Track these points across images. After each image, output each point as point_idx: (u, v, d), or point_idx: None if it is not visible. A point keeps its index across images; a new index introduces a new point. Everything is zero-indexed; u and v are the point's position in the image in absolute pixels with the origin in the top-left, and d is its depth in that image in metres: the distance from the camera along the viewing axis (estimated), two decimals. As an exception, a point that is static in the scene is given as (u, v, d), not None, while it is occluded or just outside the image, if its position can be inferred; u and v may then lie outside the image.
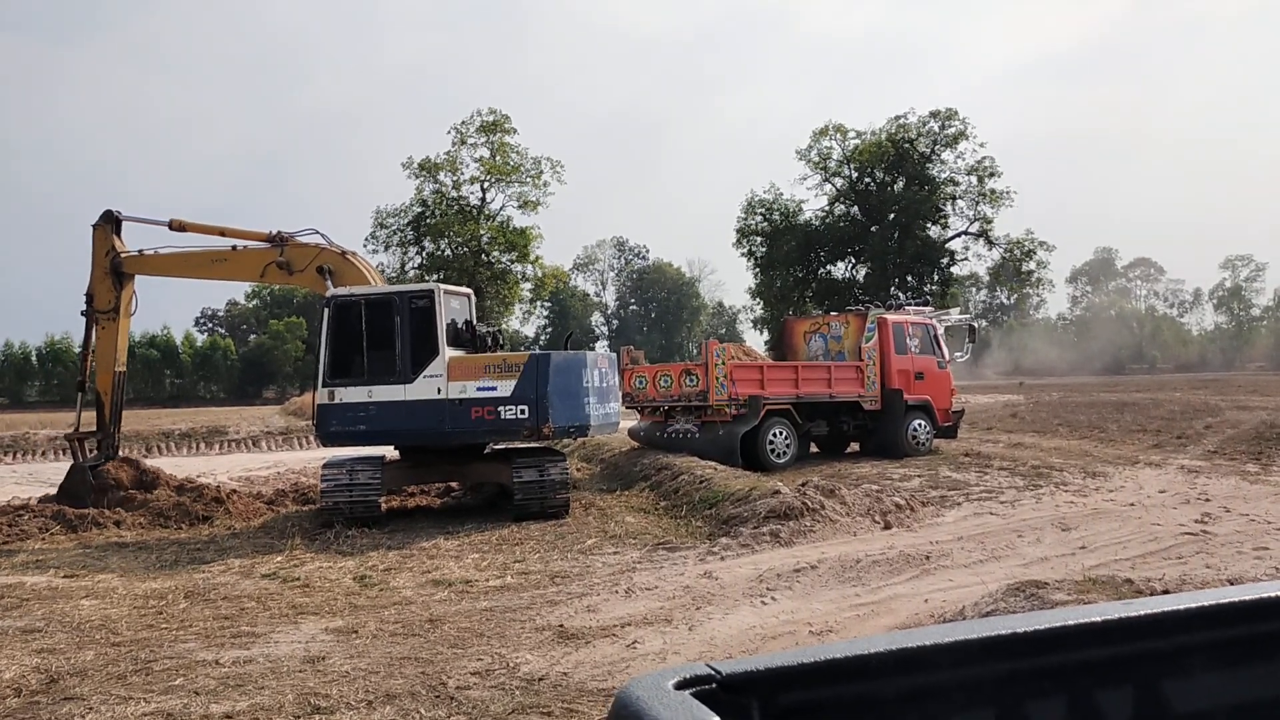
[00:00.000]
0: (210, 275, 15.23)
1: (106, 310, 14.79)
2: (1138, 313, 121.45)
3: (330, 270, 14.09)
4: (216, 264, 14.77)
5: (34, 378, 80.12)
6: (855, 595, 8.22)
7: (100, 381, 14.98)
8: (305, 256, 14.30)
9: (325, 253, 14.29)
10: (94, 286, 14.84)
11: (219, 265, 14.78)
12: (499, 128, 50.18)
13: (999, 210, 50.91)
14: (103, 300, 14.79)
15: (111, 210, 14.85)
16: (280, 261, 14.26)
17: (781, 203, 53.67)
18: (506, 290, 52.10)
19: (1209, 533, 10.60)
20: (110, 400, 14.89)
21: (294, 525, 12.96)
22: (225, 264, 14.73)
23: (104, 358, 14.91)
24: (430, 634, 7.33)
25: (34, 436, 30.35)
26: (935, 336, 21.13)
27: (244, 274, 15.09)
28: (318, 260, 14.21)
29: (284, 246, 14.34)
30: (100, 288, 14.80)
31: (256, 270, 14.73)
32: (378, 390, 13.01)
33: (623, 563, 10.04)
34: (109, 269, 14.73)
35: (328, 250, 14.32)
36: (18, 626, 7.90)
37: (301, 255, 14.31)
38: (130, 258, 14.83)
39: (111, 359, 14.86)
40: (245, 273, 15.03)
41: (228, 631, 7.58)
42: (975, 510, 12.71)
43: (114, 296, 14.78)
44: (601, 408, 13.64)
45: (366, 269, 14.46)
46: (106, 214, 14.84)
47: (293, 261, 14.25)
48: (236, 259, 14.63)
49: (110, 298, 14.77)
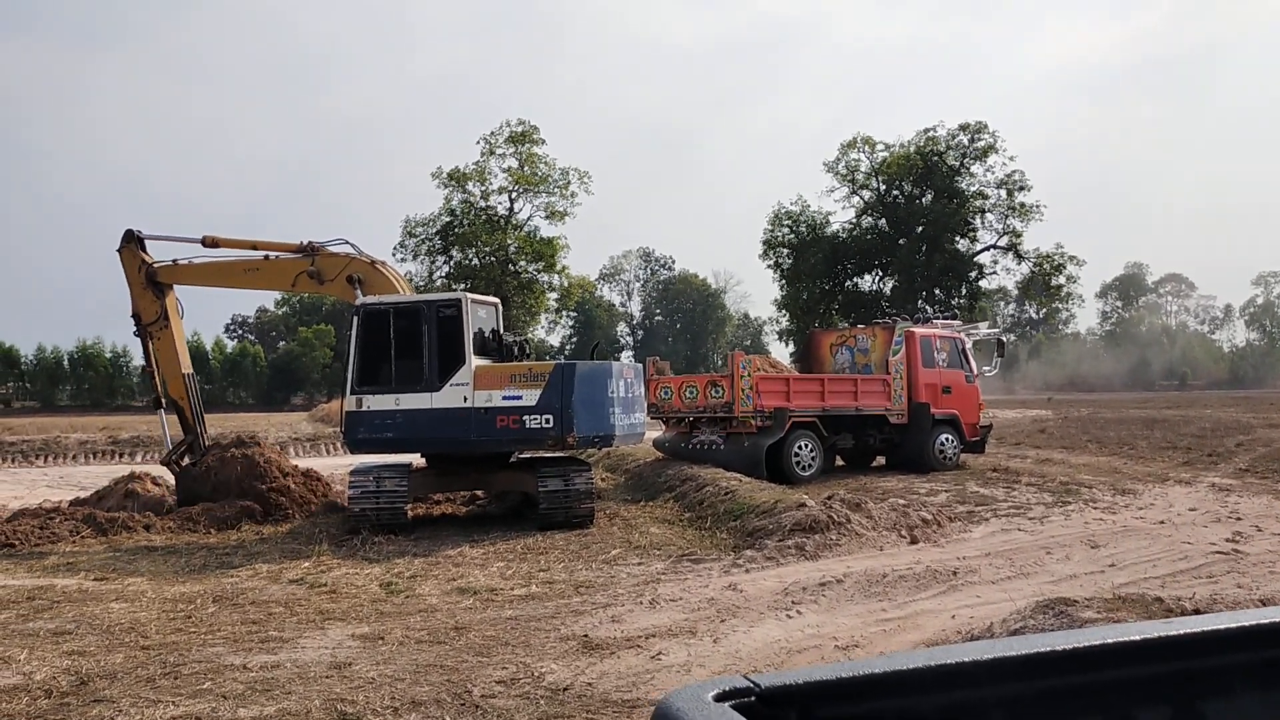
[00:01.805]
0: (243, 284, 15.53)
1: (155, 321, 15.10)
2: (1168, 328, 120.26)
3: (360, 279, 14.24)
4: (249, 273, 15.03)
5: (65, 382, 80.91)
6: (881, 610, 8.17)
7: (173, 389, 15.29)
8: (335, 266, 14.45)
9: (355, 262, 14.45)
10: (136, 304, 15.17)
11: (251, 275, 15.05)
12: (527, 138, 50.43)
13: (1028, 224, 50.64)
14: (149, 313, 15.11)
15: (131, 230, 15.20)
16: (311, 271, 14.46)
17: (809, 214, 53.57)
18: (533, 300, 52.27)
19: (1240, 552, 10.48)
20: (189, 403, 15.22)
21: (321, 531, 13.04)
22: (257, 273, 14.99)
23: (169, 365, 15.22)
24: (456, 642, 7.35)
25: (65, 440, 30.69)
26: (963, 350, 21.01)
27: (276, 283, 15.39)
28: (347, 270, 14.38)
29: (315, 256, 14.52)
30: (143, 302, 15.12)
31: (288, 279, 14.99)
32: (405, 398, 13.10)
33: (647, 574, 10.03)
34: (145, 282, 15.01)
35: (357, 260, 14.47)
36: (49, 628, 7.99)
37: (332, 265, 14.47)
38: (164, 267, 15.10)
39: (176, 364, 15.20)
40: (277, 282, 15.35)
41: (255, 636, 7.63)
42: (1003, 526, 12.62)
43: (159, 306, 15.08)
44: (626, 418, 13.62)
45: (395, 278, 14.58)
46: (127, 234, 15.20)
47: (323, 271, 14.42)
48: (268, 268, 14.86)
49: (155, 309, 15.08)
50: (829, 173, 53.24)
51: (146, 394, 15.96)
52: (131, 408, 73.54)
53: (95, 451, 29.56)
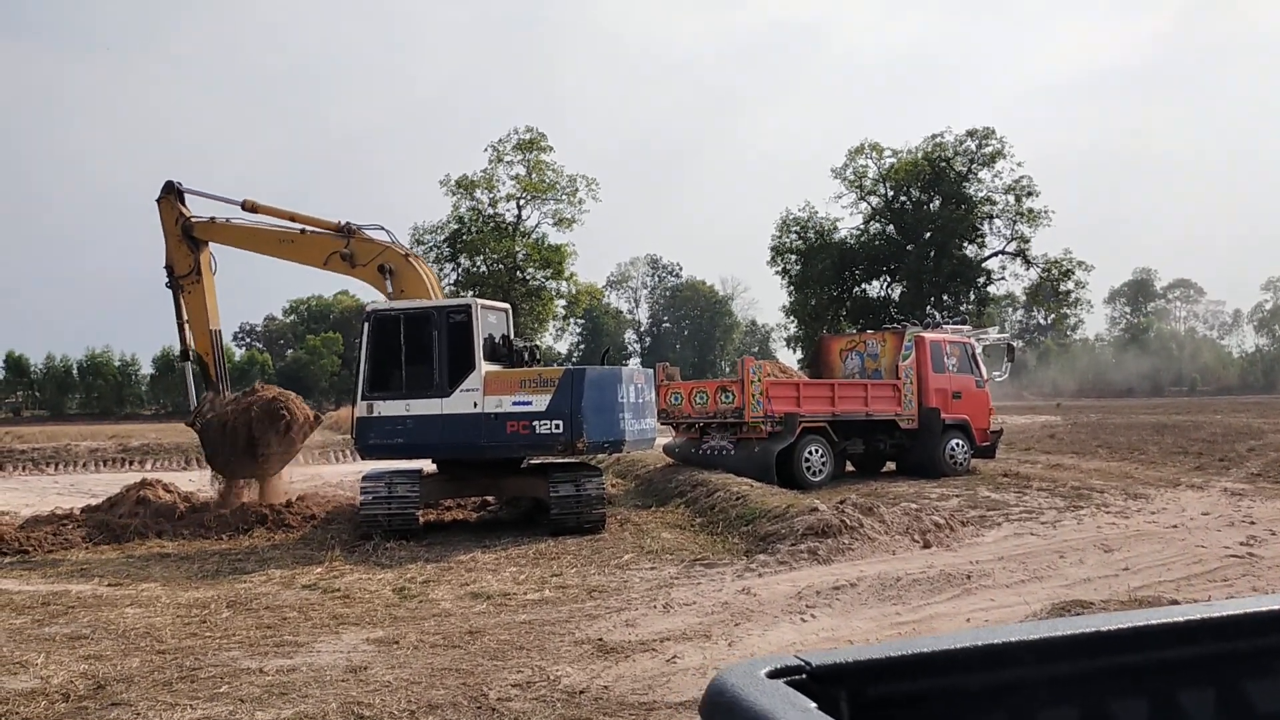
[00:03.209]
0: (276, 254, 15.30)
1: (188, 274, 15.12)
2: (1177, 334, 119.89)
3: (392, 270, 14.24)
4: (284, 244, 14.99)
5: (74, 390, 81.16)
6: (895, 614, 8.16)
7: (199, 344, 15.36)
8: (369, 252, 14.46)
9: (389, 251, 14.44)
10: (171, 256, 15.20)
11: (285, 246, 15.00)
12: (535, 145, 50.47)
13: (1036, 230, 50.44)
14: (182, 266, 15.15)
15: (171, 181, 15.22)
16: (344, 253, 14.43)
17: (816, 221, 53.49)
18: (541, 307, 52.26)
19: (1255, 555, 10.44)
20: (213, 358, 15.28)
21: (333, 537, 13.05)
22: (291, 245, 14.94)
23: (197, 320, 15.26)
24: (470, 646, 7.35)
25: (75, 448, 30.77)
26: (973, 355, 20.99)
27: (308, 258, 15.10)
28: (381, 258, 14.35)
29: (350, 239, 14.49)
30: (177, 255, 15.15)
31: (320, 257, 14.85)
32: (415, 404, 13.12)
33: (660, 578, 10.03)
34: (181, 235, 15.04)
35: (392, 249, 14.47)
36: (65, 633, 8.01)
37: (366, 250, 14.47)
38: (201, 223, 15.13)
39: (204, 319, 15.22)
40: (310, 257, 15.07)
41: (270, 640, 7.64)
42: (1015, 530, 12.59)
43: (192, 260, 15.10)
44: (637, 423, 13.60)
45: (427, 275, 14.54)
46: (168, 185, 15.23)
47: (356, 255, 14.40)
48: (303, 242, 14.85)
49: (189, 262, 15.11)
50: (836, 179, 53.17)
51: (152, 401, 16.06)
52: (140, 416, 73.78)
53: (105, 459, 29.61)
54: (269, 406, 14.79)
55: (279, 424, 14.65)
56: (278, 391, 15.49)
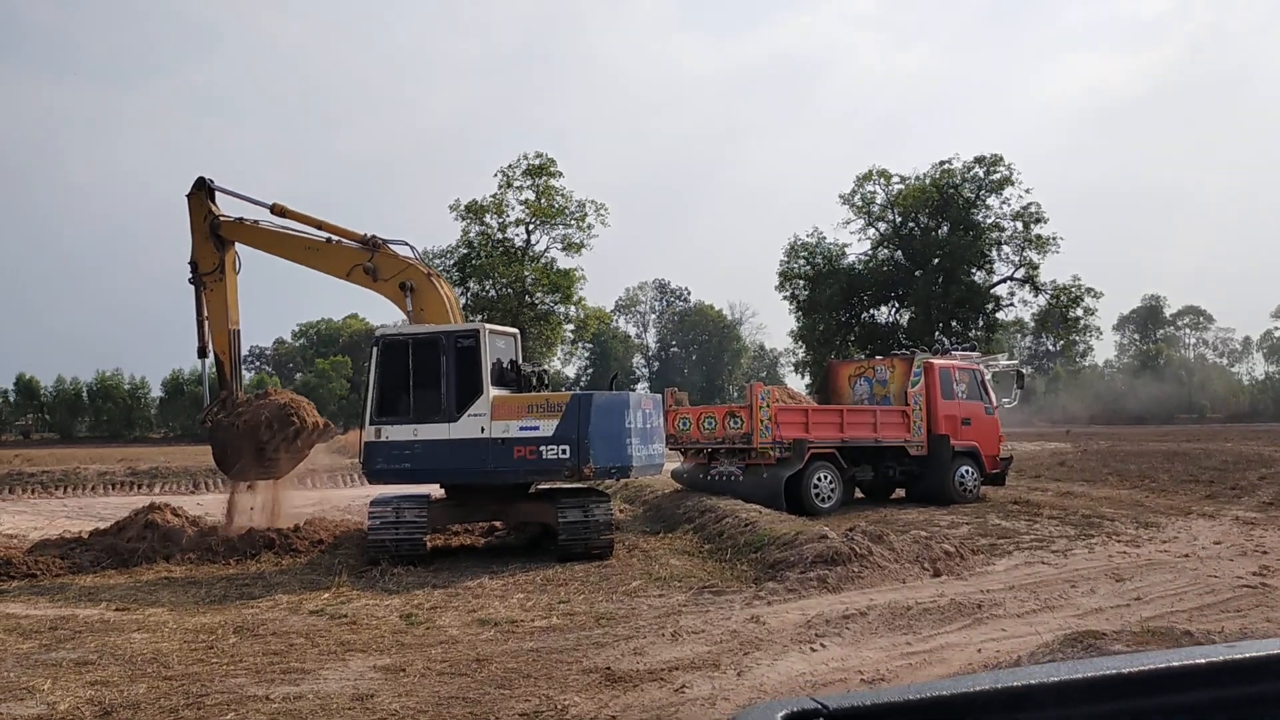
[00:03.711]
0: (300, 260, 15.28)
1: (211, 271, 15.14)
2: (1187, 361, 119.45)
3: (412, 287, 14.24)
4: (309, 251, 14.99)
5: (84, 413, 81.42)
6: (906, 644, 8.09)
7: (217, 343, 15.34)
8: (392, 268, 14.47)
9: (412, 268, 14.45)
10: (196, 252, 15.25)
11: (311, 254, 14.99)
12: (544, 171, 50.65)
13: (1045, 256, 50.41)
14: (207, 263, 15.17)
15: (203, 177, 15.30)
16: (368, 266, 14.43)
17: (824, 246, 53.56)
18: (549, 331, 52.33)
19: (1268, 585, 10.36)
20: (229, 358, 15.24)
21: (340, 562, 13.02)
22: (317, 254, 14.93)
23: (217, 318, 15.26)
24: (477, 674, 7.31)
25: (84, 471, 30.83)
26: (982, 381, 20.93)
27: (333, 268, 15.05)
28: (403, 275, 14.36)
29: (375, 253, 14.51)
30: (202, 251, 15.19)
31: (344, 268, 14.82)
32: (423, 429, 13.10)
33: (668, 605, 9.98)
34: (208, 233, 15.07)
35: (414, 267, 14.49)
36: (71, 658, 7.99)
37: (389, 265, 14.49)
38: (229, 223, 15.17)
39: (224, 318, 15.21)
40: (334, 267, 15.03)
41: (277, 667, 7.61)
42: (1026, 559, 12.51)
43: (218, 259, 15.11)
44: (644, 449, 13.54)
45: (448, 295, 14.51)
46: (199, 181, 15.30)
47: (380, 269, 14.42)
48: (328, 251, 14.85)
49: (214, 260, 15.13)
50: (844, 205, 53.24)
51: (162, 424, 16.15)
52: (149, 439, 73.90)
53: (114, 482, 29.68)
54: (280, 411, 14.86)
55: (288, 429, 14.72)
56: (290, 396, 15.61)
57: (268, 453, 14.68)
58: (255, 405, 15.09)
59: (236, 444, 14.79)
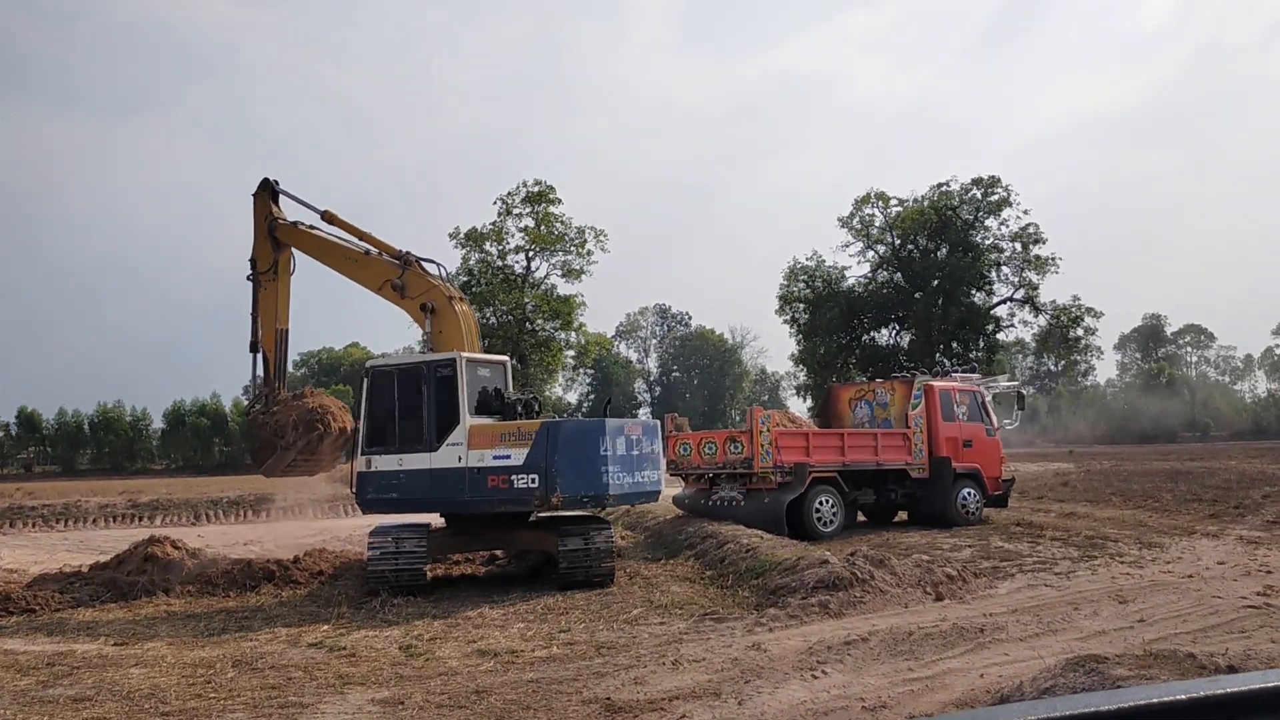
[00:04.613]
0: (341, 270, 15.50)
1: (266, 270, 15.54)
2: (1189, 379, 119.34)
3: (433, 309, 14.35)
4: (348, 262, 15.26)
5: (85, 446, 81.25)
6: (908, 669, 8.04)
7: (265, 340, 15.64)
8: (418, 287, 14.62)
9: (435, 290, 14.56)
10: (255, 250, 15.68)
11: (349, 264, 15.26)
12: (544, 198, 50.79)
13: (1044, 276, 50.51)
14: (263, 262, 15.60)
15: (268, 178, 15.73)
16: (396, 283, 14.62)
17: (824, 269, 53.66)
18: (550, 358, 52.32)
19: (1272, 606, 10.29)
20: (274, 356, 15.56)
21: (340, 594, 12.97)
22: (354, 265, 15.20)
23: (266, 316, 15.60)
24: (476, 706, 7.26)
25: (85, 504, 30.73)
26: (983, 403, 20.90)
27: (367, 281, 15.26)
28: (427, 295, 14.50)
29: (405, 269, 14.68)
30: (260, 250, 15.60)
31: (377, 282, 15.02)
32: (408, 458, 13.22)
33: (669, 633, 9.92)
34: (267, 233, 15.46)
35: (437, 289, 14.59)
36: (69, 695, 7.94)
37: (416, 284, 14.64)
38: (284, 226, 15.53)
39: (273, 317, 15.52)
40: (368, 280, 15.24)
41: (275, 702, 7.56)
42: (1029, 582, 12.45)
43: (273, 258, 15.49)
44: (627, 476, 13.21)
45: (466, 320, 14.51)
46: (264, 182, 15.75)
47: (407, 286, 14.61)
48: (365, 264, 15.07)
49: (269, 259, 15.53)
50: (843, 228, 53.45)
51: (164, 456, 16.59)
52: (151, 470, 73.79)
53: (115, 515, 29.57)
54: (306, 415, 15.15)
55: (312, 434, 14.94)
56: (322, 401, 15.85)
57: (292, 454, 14.94)
58: (289, 406, 15.41)
59: (266, 442, 15.18)
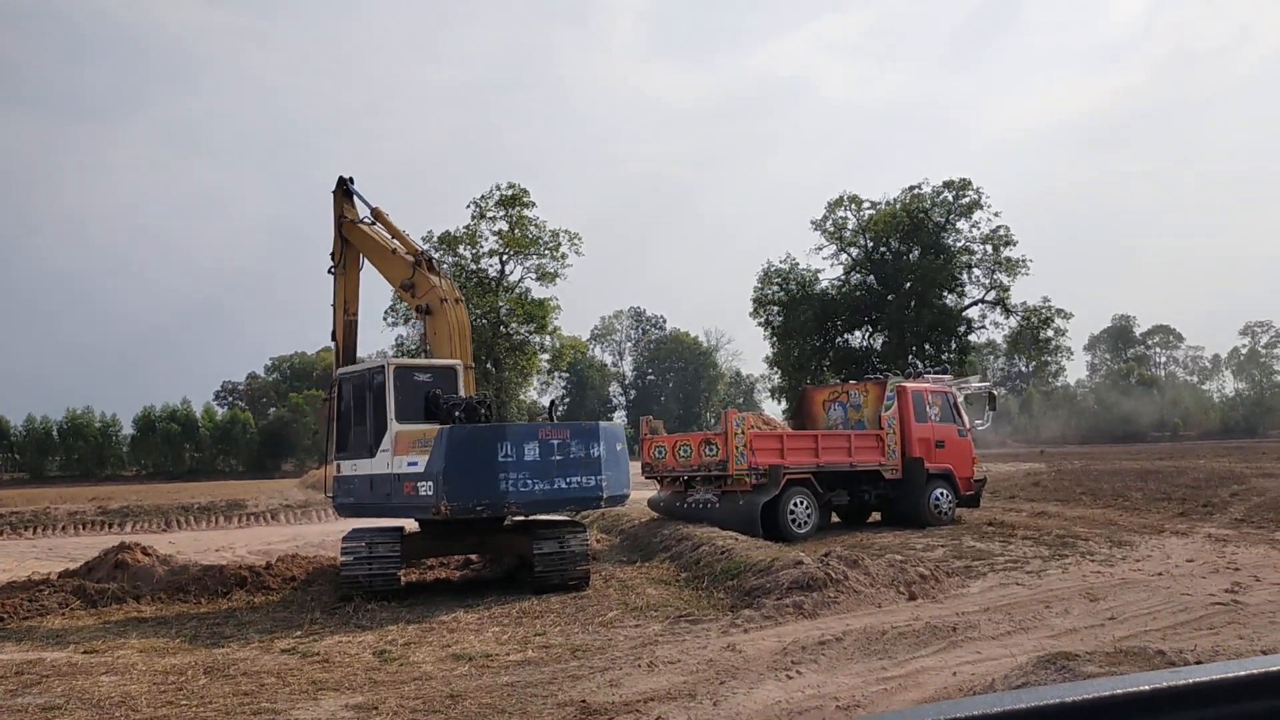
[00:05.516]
0: (379, 266, 15.85)
1: (338, 264, 16.04)
2: (1158, 379, 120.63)
3: (429, 310, 14.63)
4: (383, 259, 15.58)
5: (54, 452, 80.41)
6: (882, 668, 8.08)
7: (336, 329, 16.07)
8: (424, 286, 14.86)
9: (433, 292, 14.70)
10: (333, 244, 16.17)
11: (383, 261, 15.60)
12: (517, 201, 50.73)
13: (1015, 278, 50.89)
14: (335, 255, 16.10)
15: (343, 177, 16.19)
16: (407, 282, 14.94)
17: (798, 272, 53.79)
18: (525, 361, 52.24)
19: (1240, 602, 10.42)
20: (342, 344, 15.95)
21: (313, 599, 12.89)
22: (385, 262, 15.54)
23: (338, 307, 16.03)
24: (451, 710, 7.24)
25: (54, 511, 30.42)
26: (955, 404, 21.03)
27: (392, 278, 15.69)
28: (427, 296, 14.71)
29: (416, 270, 14.91)
30: (335, 244, 16.13)
31: (397, 280, 15.39)
32: (359, 463, 13.45)
33: (644, 635, 9.93)
34: (339, 229, 15.99)
35: (436, 290, 14.72)
36: (38, 704, 7.85)
37: (422, 284, 14.89)
38: (347, 224, 15.99)
39: (342, 307, 15.97)
40: (393, 277, 15.65)
41: (247, 708, 7.50)
42: (1001, 581, 12.54)
43: (341, 253, 16.02)
44: (539, 484, 12.61)
45: (455, 325, 14.54)
46: (340, 180, 16.22)
47: (417, 286, 14.89)
48: (391, 261, 15.43)
49: (339, 254, 16.05)
50: (817, 230, 53.63)
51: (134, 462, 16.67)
52: (121, 477, 73.09)
53: (84, 522, 29.26)
54: None
55: None
56: None
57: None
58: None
59: (324, 427, 15.53)
